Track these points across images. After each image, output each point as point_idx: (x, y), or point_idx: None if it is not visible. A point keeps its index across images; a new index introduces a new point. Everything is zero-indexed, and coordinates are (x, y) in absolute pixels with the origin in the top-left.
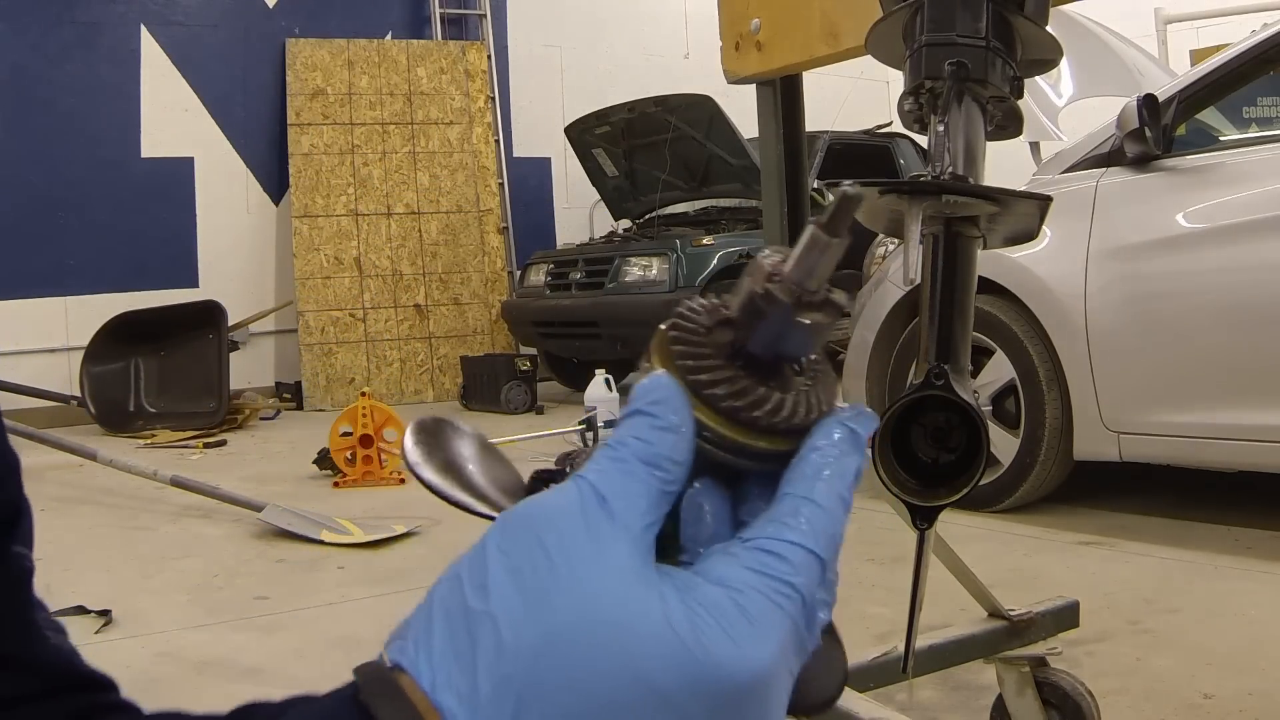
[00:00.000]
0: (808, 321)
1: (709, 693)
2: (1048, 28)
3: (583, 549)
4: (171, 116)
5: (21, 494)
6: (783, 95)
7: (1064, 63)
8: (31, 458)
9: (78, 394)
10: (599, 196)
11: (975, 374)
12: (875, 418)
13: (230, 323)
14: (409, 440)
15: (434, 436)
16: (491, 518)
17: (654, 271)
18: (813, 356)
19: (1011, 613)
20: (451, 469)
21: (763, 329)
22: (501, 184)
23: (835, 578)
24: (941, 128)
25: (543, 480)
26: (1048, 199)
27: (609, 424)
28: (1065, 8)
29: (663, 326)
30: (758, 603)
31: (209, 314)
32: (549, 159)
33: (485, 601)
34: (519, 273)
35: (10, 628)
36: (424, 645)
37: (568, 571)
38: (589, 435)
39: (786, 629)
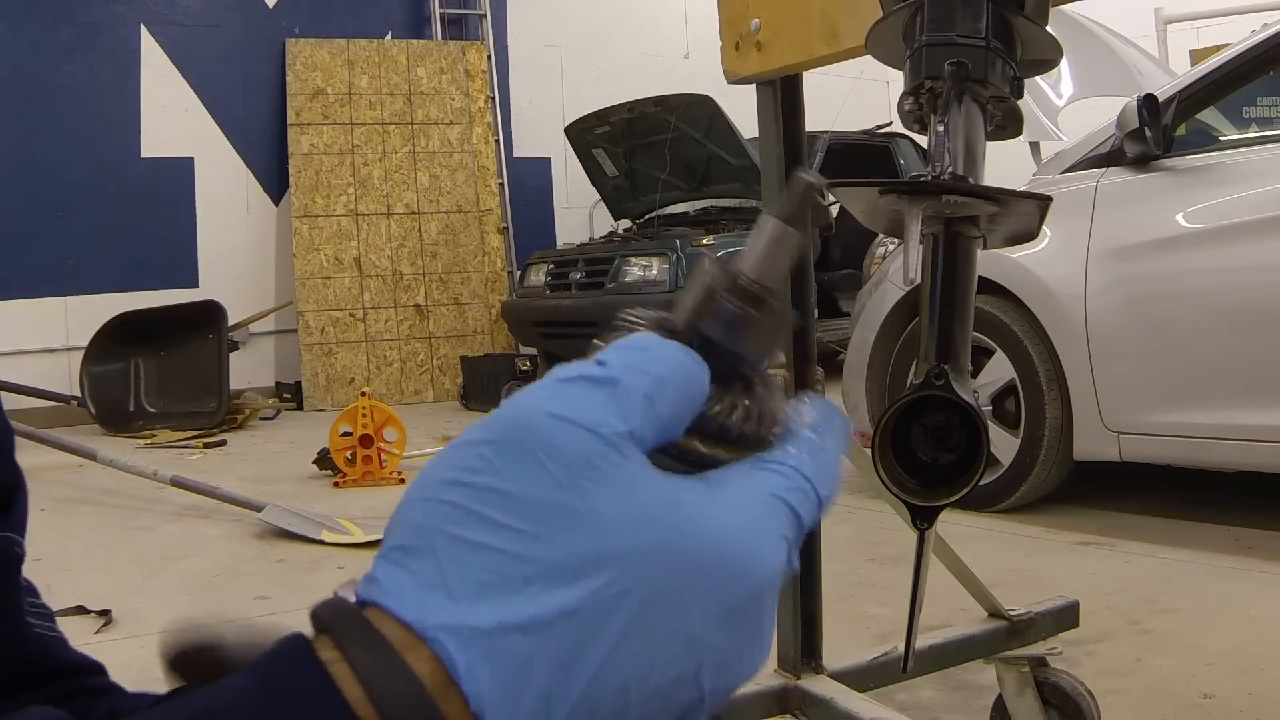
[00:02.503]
0: (764, 322)
1: (748, 592)
2: (1048, 28)
3: (593, 468)
4: (171, 116)
5: (16, 472)
6: (783, 95)
7: (1064, 63)
8: (32, 458)
9: (78, 394)
10: (599, 196)
11: (975, 374)
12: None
13: (230, 323)
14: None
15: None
16: None
17: (654, 271)
18: (765, 366)
19: (1011, 613)
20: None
21: (719, 331)
22: (501, 184)
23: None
24: (941, 128)
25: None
26: (1048, 199)
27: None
28: (1065, 8)
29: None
30: (779, 519)
31: (209, 314)
32: (549, 159)
33: (489, 532)
34: (519, 273)
35: None
36: (412, 577)
37: (581, 496)
38: None
39: (785, 553)
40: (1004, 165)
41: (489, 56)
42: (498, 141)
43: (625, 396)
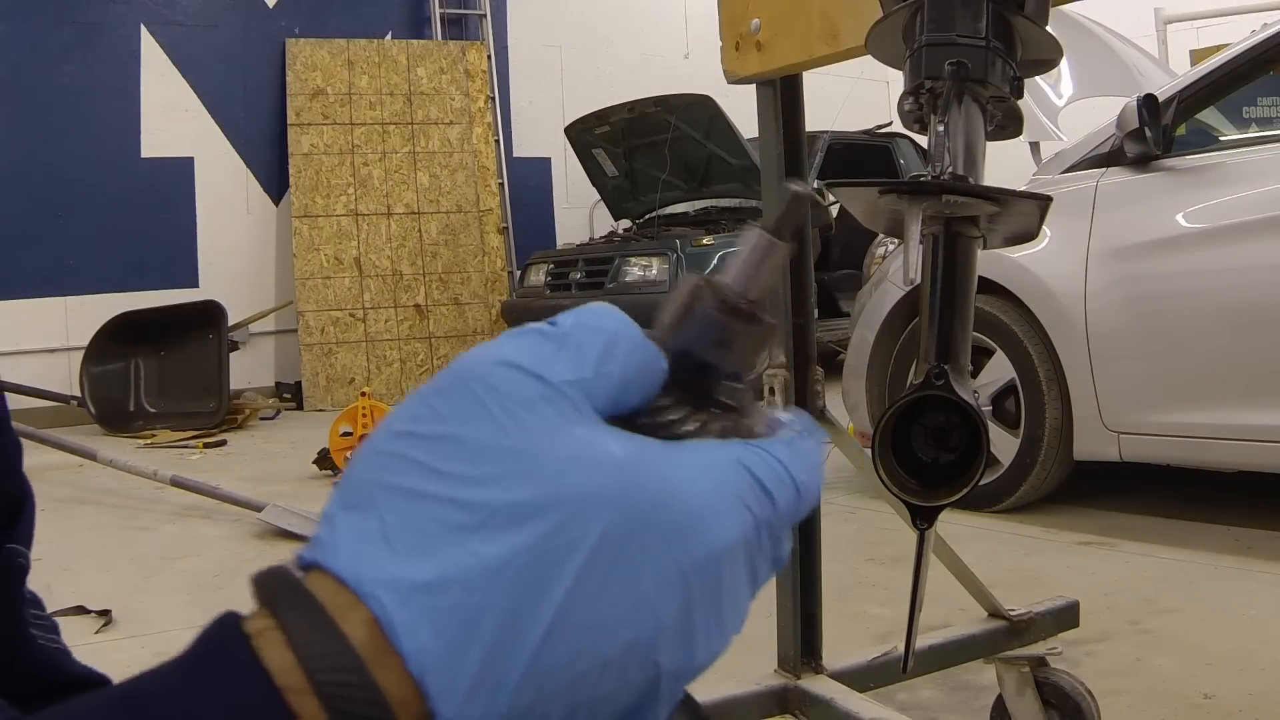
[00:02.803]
0: (746, 334)
1: (703, 553)
2: (1048, 28)
3: (541, 413)
4: (171, 116)
5: (24, 484)
6: (783, 95)
7: (1064, 63)
8: (31, 458)
9: (78, 394)
10: (599, 196)
11: (975, 374)
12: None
13: (230, 323)
14: None
15: None
16: None
17: (654, 271)
18: (741, 384)
19: (1011, 613)
20: None
21: (691, 340)
22: (501, 184)
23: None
24: (941, 128)
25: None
26: (1048, 199)
27: None
28: (1065, 8)
29: None
30: (747, 492)
31: (209, 314)
32: (549, 159)
33: (431, 479)
34: (519, 273)
35: None
36: (351, 532)
37: (528, 439)
38: None
39: (749, 523)
40: (1004, 165)
41: (489, 56)
42: (498, 141)
43: (575, 350)
